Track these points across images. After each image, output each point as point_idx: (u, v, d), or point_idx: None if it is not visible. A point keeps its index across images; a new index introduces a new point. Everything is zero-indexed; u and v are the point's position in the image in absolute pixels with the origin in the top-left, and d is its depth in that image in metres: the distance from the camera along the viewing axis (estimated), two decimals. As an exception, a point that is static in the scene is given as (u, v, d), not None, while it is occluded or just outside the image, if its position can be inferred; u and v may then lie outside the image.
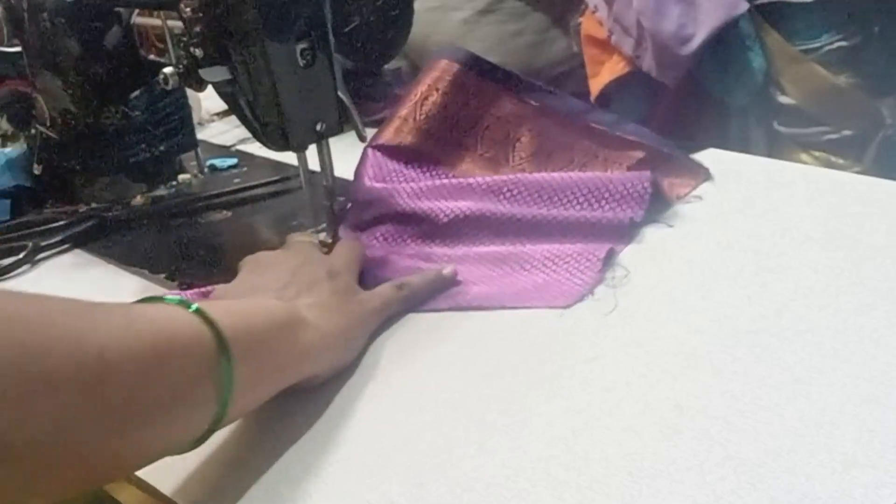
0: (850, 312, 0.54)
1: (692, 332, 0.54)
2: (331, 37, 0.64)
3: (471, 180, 0.71)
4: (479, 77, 0.78)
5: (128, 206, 0.86)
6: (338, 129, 0.68)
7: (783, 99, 1.19)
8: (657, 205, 0.69)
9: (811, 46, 1.15)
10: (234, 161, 0.95)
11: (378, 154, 0.75)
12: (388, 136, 0.76)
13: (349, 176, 0.80)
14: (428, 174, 0.75)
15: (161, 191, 0.89)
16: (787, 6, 1.14)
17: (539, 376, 0.53)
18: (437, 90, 0.77)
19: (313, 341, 0.52)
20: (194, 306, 0.44)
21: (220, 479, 0.49)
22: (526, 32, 1.41)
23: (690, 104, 1.28)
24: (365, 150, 0.75)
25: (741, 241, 0.64)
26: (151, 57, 0.84)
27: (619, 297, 0.59)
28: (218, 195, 0.86)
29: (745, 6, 1.15)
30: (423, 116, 0.76)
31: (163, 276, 0.72)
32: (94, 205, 0.86)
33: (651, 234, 0.67)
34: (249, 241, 0.77)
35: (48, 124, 0.85)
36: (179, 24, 0.66)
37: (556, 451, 0.46)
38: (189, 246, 0.77)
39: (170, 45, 0.80)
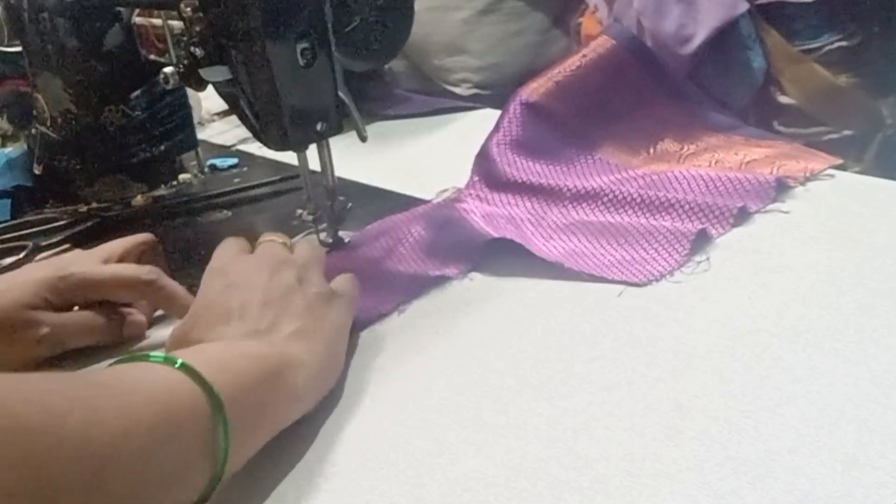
0: (850, 312, 0.54)
1: (692, 332, 0.54)
2: (331, 37, 0.64)
3: (604, 172, 0.74)
4: (633, 60, 0.80)
5: (128, 206, 0.86)
6: (338, 129, 0.68)
7: (783, 99, 1.19)
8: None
9: (811, 46, 1.15)
10: (234, 161, 0.95)
11: (519, 113, 0.77)
12: (527, 91, 0.78)
13: (349, 176, 0.80)
14: (565, 146, 0.77)
15: (161, 190, 0.89)
16: (787, 6, 1.14)
17: (539, 376, 0.53)
18: (585, 56, 0.79)
19: (304, 382, 0.50)
20: (179, 362, 0.43)
21: (221, 478, 0.49)
22: (526, 32, 1.41)
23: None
24: (508, 102, 0.78)
25: (741, 240, 0.64)
26: (152, 56, 0.84)
27: (618, 298, 0.59)
28: (218, 195, 0.86)
29: (745, 6, 1.15)
30: (561, 76, 0.79)
31: (163, 276, 0.72)
32: (94, 205, 0.86)
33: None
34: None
35: (48, 124, 0.85)
36: (180, 23, 0.66)
37: (556, 451, 0.46)
38: (189, 246, 0.77)
39: (170, 45, 0.80)
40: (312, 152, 0.69)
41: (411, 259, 0.68)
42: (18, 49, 0.86)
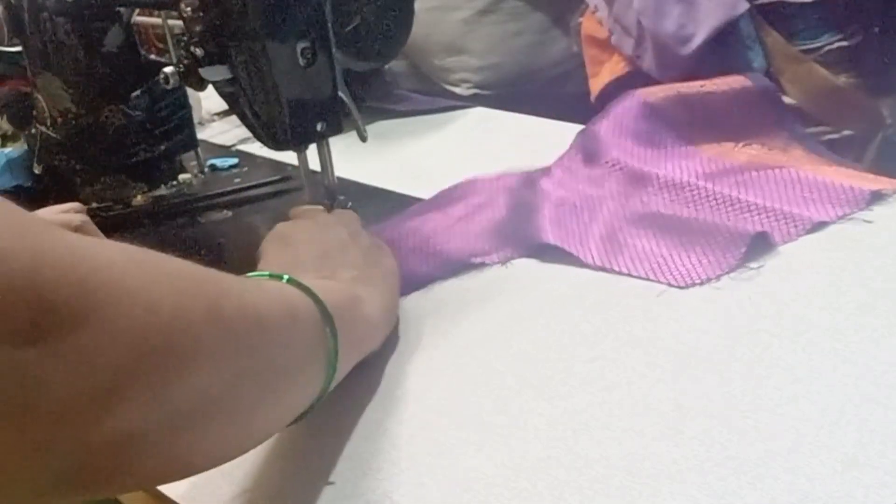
0: (850, 312, 0.54)
1: (692, 332, 0.54)
2: (331, 36, 0.64)
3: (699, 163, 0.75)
4: (762, 101, 0.80)
5: (128, 206, 0.86)
6: (338, 129, 0.68)
7: (783, 99, 1.19)
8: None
9: (811, 46, 1.15)
10: (234, 161, 0.95)
11: (635, 108, 0.77)
12: (647, 92, 0.79)
13: (349, 176, 0.80)
14: (672, 144, 0.77)
15: (161, 190, 0.89)
16: (787, 6, 1.14)
17: (539, 376, 0.53)
18: (716, 84, 0.80)
19: (373, 316, 0.54)
20: (286, 277, 0.46)
21: (219, 478, 0.49)
22: (526, 32, 1.41)
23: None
24: (624, 98, 0.79)
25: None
26: (152, 56, 0.84)
27: (618, 298, 0.59)
28: (218, 195, 0.86)
29: (745, 6, 1.15)
30: (685, 88, 0.80)
31: (163, 275, 0.71)
32: (94, 205, 0.86)
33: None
34: (249, 241, 0.77)
35: (48, 124, 0.85)
36: (180, 23, 0.66)
37: (556, 451, 0.46)
38: (189, 246, 0.77)
39: (170, 45, 0.80)
40: (312, 152, 0.69)
41: (467, 234, 0.69)
42: (18, 49, 0.86)
